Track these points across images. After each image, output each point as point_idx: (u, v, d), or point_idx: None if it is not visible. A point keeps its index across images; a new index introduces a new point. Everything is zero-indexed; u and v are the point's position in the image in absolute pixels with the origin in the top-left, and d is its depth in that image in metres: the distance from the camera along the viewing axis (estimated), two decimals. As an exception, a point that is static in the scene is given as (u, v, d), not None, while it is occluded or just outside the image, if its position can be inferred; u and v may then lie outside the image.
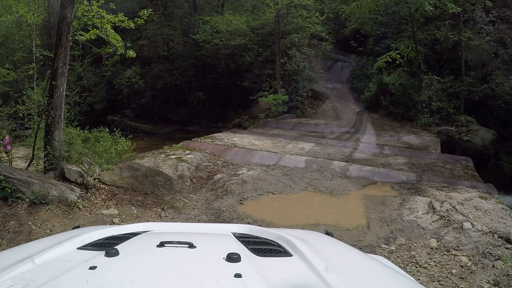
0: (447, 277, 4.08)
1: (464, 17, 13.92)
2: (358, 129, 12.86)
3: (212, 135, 12.28)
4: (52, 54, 9.60)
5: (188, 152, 9.34)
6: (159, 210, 6.02)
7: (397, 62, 13.71)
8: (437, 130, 12.35)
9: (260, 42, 17.81)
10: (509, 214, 5.66)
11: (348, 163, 8.65)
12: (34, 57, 13.90)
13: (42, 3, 19.65)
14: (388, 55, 13.78)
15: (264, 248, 1.54)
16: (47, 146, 6.35)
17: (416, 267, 4.33)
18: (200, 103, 20.25)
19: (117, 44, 8.16)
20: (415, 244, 4.91)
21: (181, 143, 10.78)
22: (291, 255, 1.45)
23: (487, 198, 6.35)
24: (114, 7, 9.22)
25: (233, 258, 1.30)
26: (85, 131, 8.94)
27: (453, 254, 4.59)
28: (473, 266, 4.32)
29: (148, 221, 5.43)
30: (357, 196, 6.84)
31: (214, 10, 21.77)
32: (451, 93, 13.51)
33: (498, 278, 4.02)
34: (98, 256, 1.35)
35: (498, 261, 4.37)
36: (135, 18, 9.32)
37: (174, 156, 8.85)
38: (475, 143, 11.77)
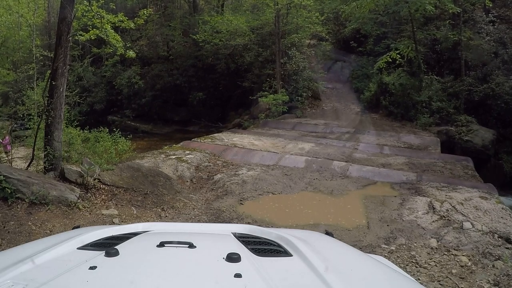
0: (447, 277, 4.08)
1: (464, 17, 13.90)
2: (358, 129, 12.85)
3: (212, 135, 12.28)
4: (52, 54, 9.61)
5: (188, 152, 9.33)
6: (159, 210, 6.02)
7: (397, 62, 13.70)
8: (437, 130, 12.34)
9: (260, 42, 17.81)
10: (509, 214, 5.65)
11: (348, 163, 8.65)
12: (34, 57, 13.94)
13: (42, 3, 19.67)
14: (388, 55, 13.78)
15: (264, 248, 1.54)
16: (47, 146, 6.36)
17: (416, 267, 4.33)
18: (200, 103, 20.25)
19: (117, 44, 8.16)
20: (415, 244, 4.90)
21: (181, 143, 10.77)
22: (291, 255, 1.45)
23: (487, 198, 6.35)
24: (114, 7, 9.26)
25: (233, 258, 1.30)
26: (85, 131, 8.96)
27: (453, 254, 4.59)
28: (473, 266, 4.32)
29: (148, 221, 5.43)
30: (357, 196, 6.83)
31: (214, 10, 21.80)
32: (451, 93, 13.50)
33: (498, 278, 4.01)
34: (98, 256, 1.35)
35: (498, 261, 4.37)
36: (135, 18, 9.35)
37: (174, 156, 8.85)
38: (475, 143, 11.76)
